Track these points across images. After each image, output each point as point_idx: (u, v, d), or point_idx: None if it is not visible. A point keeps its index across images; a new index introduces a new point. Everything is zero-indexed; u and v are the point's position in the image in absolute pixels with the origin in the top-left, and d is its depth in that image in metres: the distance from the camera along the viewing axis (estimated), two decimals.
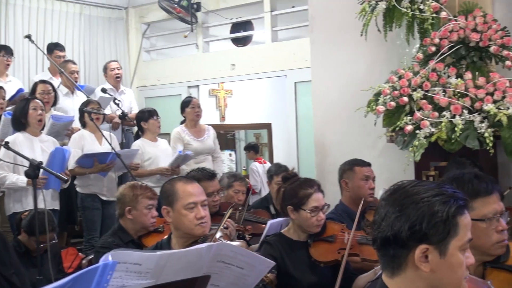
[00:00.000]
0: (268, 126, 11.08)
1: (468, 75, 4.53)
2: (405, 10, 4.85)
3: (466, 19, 4.71)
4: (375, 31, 5.15)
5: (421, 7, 4.80)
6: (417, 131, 4.44)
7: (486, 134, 4.20)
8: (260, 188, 9.90)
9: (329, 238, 3.85)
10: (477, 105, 4.34)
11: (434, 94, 4.52)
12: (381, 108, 4.75)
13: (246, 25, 10.20)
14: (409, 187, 1.88)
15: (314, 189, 3.78)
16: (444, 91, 4.51)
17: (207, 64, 9.84)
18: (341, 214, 4.50)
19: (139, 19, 10.65)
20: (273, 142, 10.93)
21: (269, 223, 4.34)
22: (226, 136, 11.55)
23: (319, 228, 3.80)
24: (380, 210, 1.89)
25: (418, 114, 4.49)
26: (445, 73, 4.61)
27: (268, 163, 10.21)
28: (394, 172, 5.05)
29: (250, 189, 9.23)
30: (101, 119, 6.49)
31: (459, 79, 4.50)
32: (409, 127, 4.49)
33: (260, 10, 9.33)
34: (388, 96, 4.74)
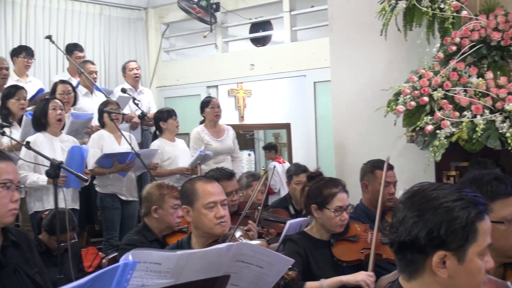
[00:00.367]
0: (287, 126, 11.07)
1: (489, 75, 4.49)
2: (426, 9, 4.82)
3: (487, 18, 4.68)
4: (395, 30, 5.12)
5: (442, 6, 4.76)
6: (438, 131, 4.41)
7: (508, 134, 4.16)
8: (279, 188, 9.88)
9: (352, 238, 3.85)
10: (499, 104, 4.31)
11: (455, 93, 4.49)
12: (401, 108, 4.72)
13: (265, 25, 10.19)
14: (428, 190, 1.85)
15: (339, 189, 3.78)
16: (465, 90, 4.47)
17: (226, 64, 9.84)
18: (361, 215, 4.49)
19: (158, 20, 10.68)
20: (292, 142, 10.91)
21: (289, 223, 4.33)
22: (245, 136, 11.55)
23: (343, 228, 3.81)
24: (398, 213, 1.86)
25: (439, 114, 4.46)
26: (466, 73, 4.58)
27: (287, 163, 10.21)
28: (414, 172, 5.01)
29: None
30: (120, 119, 6.51)
31: (480, 79, 4.46)
32: (430, 127, 4.46)
33: (279, 10, 9.32)
34: (408, 96, 4.71)
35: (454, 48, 4.69)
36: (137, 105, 7.07)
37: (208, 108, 7.02)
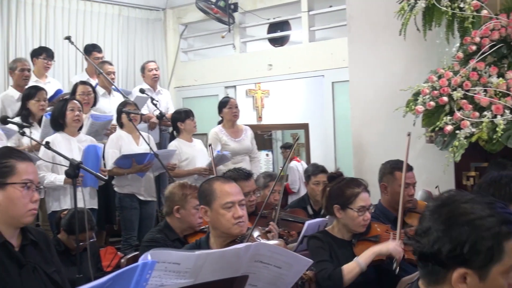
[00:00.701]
0: (305, 126, 11.05)
1: (510, 74, 4.45)
2: (445, 8, 4.79)
3: (508, 17, 4.63)
4: (414, 30, 5.09)
5: (461, 5, 4.73)
6: (457, 131, 4.38)
7: None
8: (299, 187, 9.85)
9: (374, 238, 3.84)
10: None
11: (475, 93, 4.45)
12: (420, 108, 4.70)
13: (283, 25, 10.19)
14: (458, 203, 1.78)
15: (362, 189, 3.78)
16: (485, 90, 4.44)
17: (244, 65, 9.85)
18: (379, 215, 4.45)
19: (176, 20, 10.72)
20: (310, 143, 10.89)
21: (307, 223, 4.33)
22: (263, 137, 11.54)
23: (365, 228, 3.80)
24: (424, 222, 1.81)
25: (458, 114, 4.43)
26: (486, 72, 4.54)
27: (303, 162, 10.20)
28: (434, 173, 4.98)
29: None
30: (138, 120, 6.52)
31: (501, 78, 4.43)
32: (449, 127, 4.43)
33: (297, 10, 9.31)
34: (428, 96, 4.69)
35: (474, 47, 4.66)
36: (155, 105, 7.08)
37: (226, 108, 7.02)
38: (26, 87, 6.67)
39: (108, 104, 7.40)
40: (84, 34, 9.52)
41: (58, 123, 5.87)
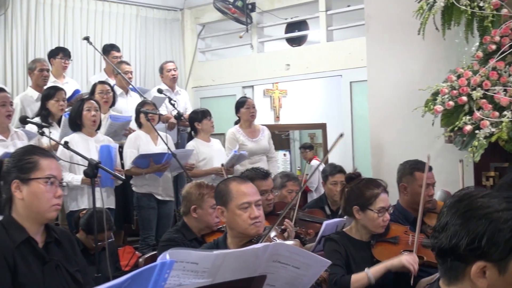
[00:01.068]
0: (323, 126, 11.02)
1: None
2: (464, 7, 4.75)
3: None
4: (433, 29, 5.06)
5: (481, 4, 4.69)
6: (477, 131, 4.35)
7: None
8: (317, 186, 9.81)
9: (393, 240, 3.82)
10: None
11: (495, 93, 4.42)
12: (439, 107, 4.67)
13: (301, 25, 10.17)
14: (475, 197, 1.78)
15: (381, 189, 3.76)
16: (505, 90, 4.40)
17: (262, 64, 9.84)
18: (398, 216, 4.42)
19: (194, 20, 10.74)
20: (328, 142, 10.86)
21: (325, 223, 4.32)
22: (281, 136, 11.53)
23: (384, 229, 3.79)
24: (442, 218, 1.81)
25: (478, 113, 4.39)
26: (506, 72, 4.51)
27: (318, 161, 10.17)
28: (453, 173, 4.94)
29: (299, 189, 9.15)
30: (156, 120, 6.54)
31: None
32: (468, 127, 4.40)
33: (315, 9, 9.29)
34: (447, 96, 4.65)
35: (493, 47, 4.62)
36: (173, 105, 7.10)
37: (244, 108, 7.03)
38: (45, 87, 6.73)
39: (126, 104, 7.43)
40: (102, 34, 9.57)
41: (76, 124, 5.90)
